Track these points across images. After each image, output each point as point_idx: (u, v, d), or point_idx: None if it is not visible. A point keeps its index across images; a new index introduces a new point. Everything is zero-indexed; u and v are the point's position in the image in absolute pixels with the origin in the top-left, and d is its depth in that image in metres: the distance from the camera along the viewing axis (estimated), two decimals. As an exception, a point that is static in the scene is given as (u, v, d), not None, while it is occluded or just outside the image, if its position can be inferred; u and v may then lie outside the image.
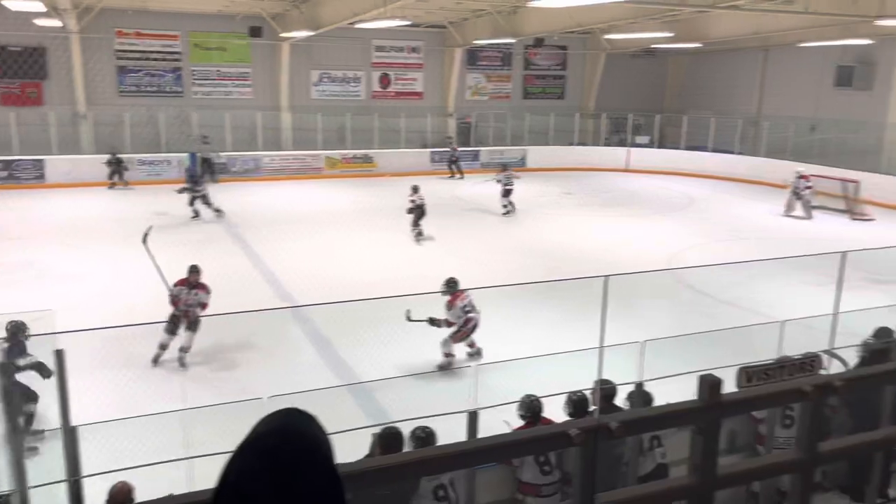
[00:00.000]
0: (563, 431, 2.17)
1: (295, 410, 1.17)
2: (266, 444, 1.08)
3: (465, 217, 18.20)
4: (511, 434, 2.31)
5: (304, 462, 1.06)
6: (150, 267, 9.31)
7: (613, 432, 2.25)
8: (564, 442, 2.18)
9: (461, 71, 27.34)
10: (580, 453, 2.21)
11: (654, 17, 19.82)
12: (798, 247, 14.57)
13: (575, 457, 2.24)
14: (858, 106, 23.04)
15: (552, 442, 2.30)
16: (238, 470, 1.06)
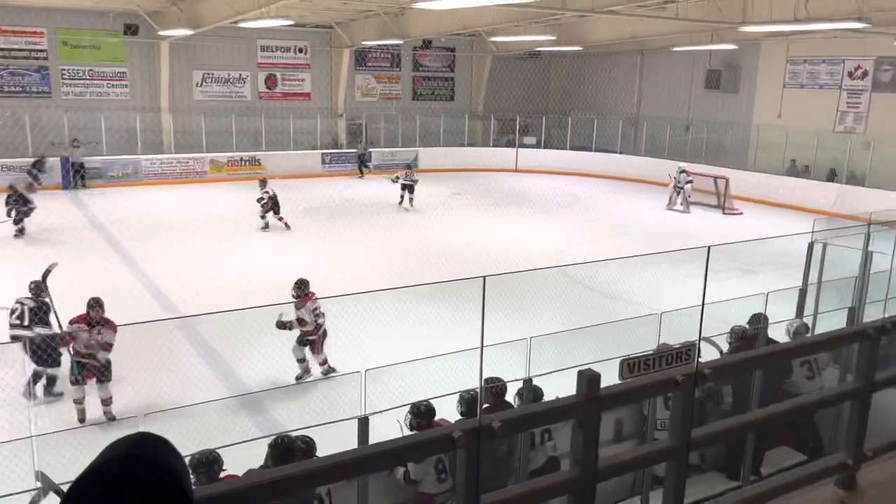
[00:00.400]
0: (447, 434, 2.15)
1: (144, 436, 1.09)
2: (106, 472, 0.99)
3: (356, 218, 18.02)
4: (394, 440, 2.28)
5: (146, 492, 0.98)
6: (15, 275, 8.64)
7: (496, 432, 2.25)
8: (448, 445, 2.16)
9: (350, 72, 27.10)
10: (464, 455, 2.20)
11: (536, 20, 20.35)
12: (677, 241, 15.28)
13: (458, 459, 2.23)
14: (727, 107, 24.60)
15: (436, 445, 2.28)
16: (76, 499, 0.97)
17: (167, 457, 1.06)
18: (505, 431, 2.30)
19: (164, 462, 1.05)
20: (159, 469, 1.03)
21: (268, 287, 11.06)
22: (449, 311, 10.29)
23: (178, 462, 1.08)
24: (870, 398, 3.48)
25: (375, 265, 13.35)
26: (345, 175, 25.03)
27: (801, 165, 22.01)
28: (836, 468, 3.51)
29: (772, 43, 22.56)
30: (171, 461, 1.06)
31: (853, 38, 19.04)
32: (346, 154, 26.13)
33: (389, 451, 2.13)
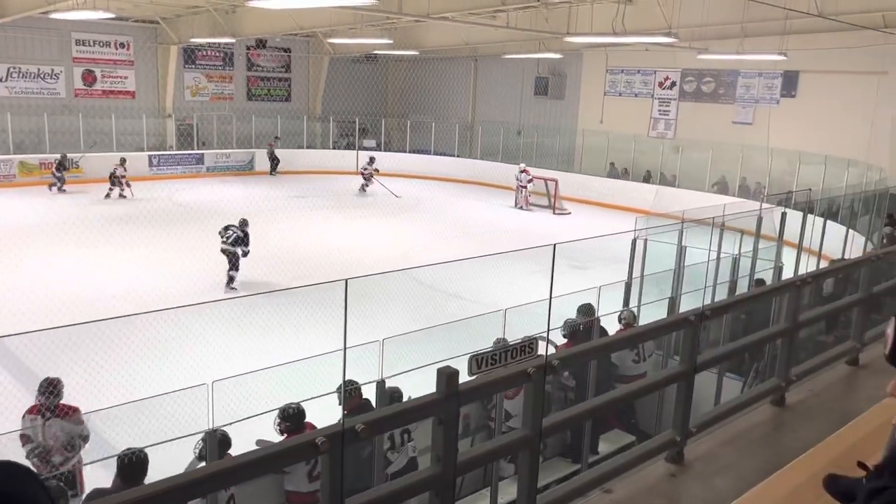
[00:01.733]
0: (310, 441, 2.12)
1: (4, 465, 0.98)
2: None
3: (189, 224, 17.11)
4: (255, 451, 2.21)
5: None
6: None
7: (360, 434, 2.25)
8: (312, 451, 2.13)
9: (178, 70, 25.74)
10: (327, 460, 2.18)
11: (372, 23, 20.43)
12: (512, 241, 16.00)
13: (322, 464, 2.21)
14: (555, 113, 26.05)
15: (299, 453, 2.24)
16: None
17: (28, 489, 0.97)
18: (368, 433, 2.30)
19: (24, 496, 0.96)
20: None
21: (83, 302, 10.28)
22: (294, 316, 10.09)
23: (39, 493, 0.99)
24: (693, 379, 3.84)
25: (212, 273, 12.79)
26: (176, 178, 23.74)
27: (620, 168, 23.75)
28: (665, 445, 3.83)
29: (593, 53, 24.16)
30: (32, 494, 0.97)
31: (663, 51, 20.84)
32: (177, 156, 24.79)
33: (251, 462, 2.07)
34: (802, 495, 2.70)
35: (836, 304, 5.84)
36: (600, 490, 3.42)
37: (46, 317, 8.80)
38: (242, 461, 2.08)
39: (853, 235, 13.03)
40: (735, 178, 20.77)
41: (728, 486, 3.54)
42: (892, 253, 6.11)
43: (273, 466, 2.10)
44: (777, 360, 4.73)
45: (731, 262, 9.06)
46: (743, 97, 21.53)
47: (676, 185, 21.37)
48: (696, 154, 21.14)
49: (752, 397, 4.60)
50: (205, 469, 2.07)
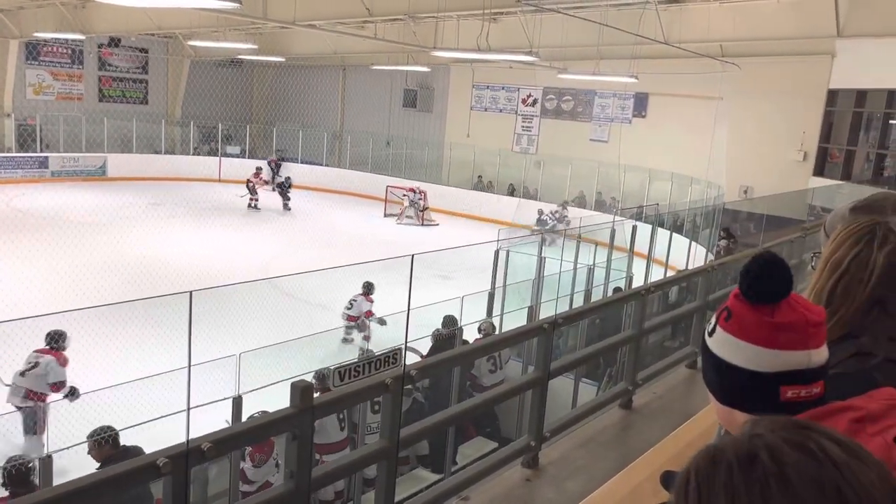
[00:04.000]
0: (152, 462, 2.00)
1: None
2: None
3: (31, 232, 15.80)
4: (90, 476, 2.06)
5: None
6: None
7: (206, 454, 2.15)
8: (153, 473, 2.01)
9: (19, 66, 23.77)
10: (171, 482, 2.07)
11: (236, 27, 19.84)
12: (380, 251, 15.97)
13: (165, 488, 2.09)
14: (423, 125, 26.36)
15: (139, 475, 2.11)
16: None
17: None
18: (215, 453, 2.20)
19: None
20: None
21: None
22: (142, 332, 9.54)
23: None
24: (547, 385, 3.98)
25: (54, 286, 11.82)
26: (15, 182, 21.88)
27: (486, 181, 24.39)
28: (522, 450, 3.95)
29: (460, 68, 24.70)
30: None
31: (526, 69, 21.65)
32: (17, 159, 22.86)
33: (83, 488, 1.92)
34: (643, 492, 2.86)
35: (677, 312, 6.27)
36: (457, 498, 3.46)
37: None
38: (73, 488, 1.93)
39: (696, 247, 14.08)
40: (592, 192, 21.87)
41: (578, 488, 3.70)
42: (725, 263, 6.64)
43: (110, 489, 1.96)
44: (625, 365, 5.00)
45: (586, 272, 9.51)
46: (599, 116, 22.75)
47: (538, 198, 22.20)
48: (556, 169, 22.08)
49: (603, 401, 4.83)
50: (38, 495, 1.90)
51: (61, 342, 7.10)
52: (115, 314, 9.88)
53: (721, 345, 1.17)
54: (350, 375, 5.28)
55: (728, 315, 1.17)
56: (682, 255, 13.10)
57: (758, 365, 1.13)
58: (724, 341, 1.16)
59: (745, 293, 1.14)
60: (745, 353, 1.14)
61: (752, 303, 1.13)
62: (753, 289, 1.13)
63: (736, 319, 1.15)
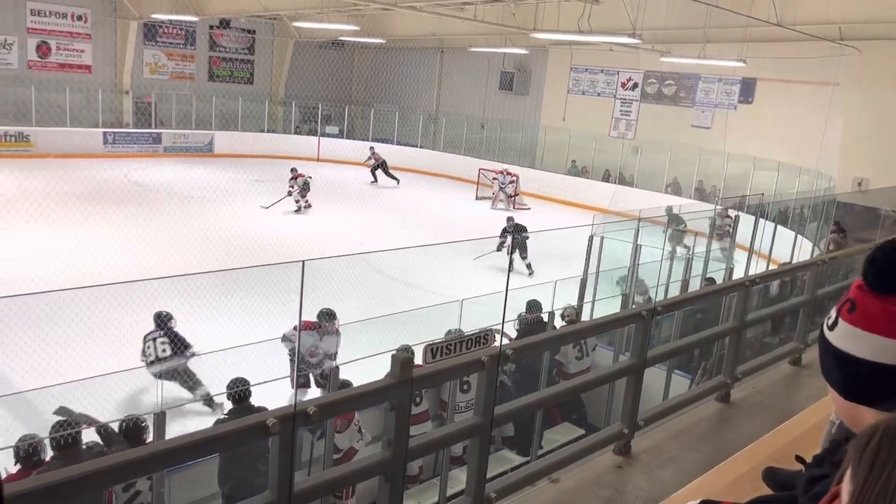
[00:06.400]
0: (262, 422, 2.11)
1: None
2: None
3: (145, 205, 16.77)
4: (206, 431, 2.19)
5: None
6: None
7: (311, 416, 2.25)
8: (263, 432, 2.12)
9: (137, 46, 25.12)
10: (279, 441, 2.18)
11: (340, 9, 20.24)
12: (472, 233, 16.04)
13: (272, 445, 2.20)
14: (518, 108, 26.16)
15: (250, 434, 2.23)
16: None
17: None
18: (319, 416, 2.30)
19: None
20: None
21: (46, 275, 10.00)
22: (246, 300, 9.97)
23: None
24: (643, 373, 3.92)
25: (164, 255, 12.51)
26: (131, 157, 23.21)
27: (580, 166, 24.00)
28: (614, 437, 3.91)
29: (558, 51, 24.32)
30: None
31: (627, 52, 21.09)
32: (134, 134, 24.24)
33: (201, 441, 2.05)
34: (741, 487, 2.79)
35: (782, 305, 6.02)
36: (548, 480, 3.47)
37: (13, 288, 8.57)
38: (193, 440, 2.07)
39: (801, 241, 13.41)
40: (691, 180, 21.16)
41: (672, 478, 3.63)
42: (836, 258, 6.31)
43: (223, 447, 2.08)
44: (724, 359, 4.85)
45: (684, 261, 9.25)
46: (702, 101, 21.93)
47: (634, 185, 21.68)
48: (654, 155, 21.47)
49: (699, 393, 4.71)
50: (153, 447, 2.04)
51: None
52: (217, 282, 10.37)
53: (844, 338, 1.13)
54: (441, 353, 5.37)
55: (852, 307, 1.13)
56: (787, 249, 12.52)
57: (886, 357, 1.09)
58: (848, 334, 1.12)
59: (871, 283, 1.10)
60: (871, 345, 1.10)
61: (879, 293, 1.09)
62: (880, 278, 1.09)
63: (861, 311, 1.11)
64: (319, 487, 2.37)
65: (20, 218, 14.19)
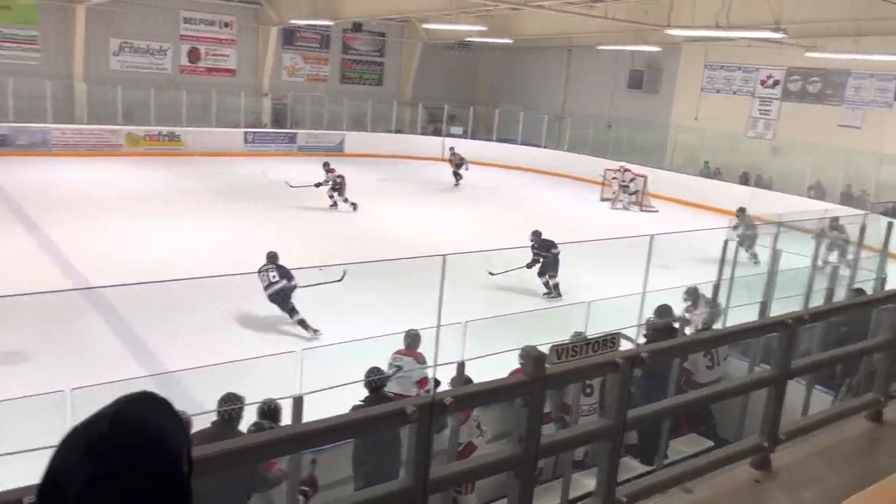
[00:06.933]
0: (401, 409, 2.18)
1: (142, 395, 1.03)
2: (94, 430, 0.94)
3: (278, 200, 17.60)
4: (347, 415, 2.29)
5: (130, 456, 0.92)
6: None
7: (448, 408, 2.29)
8: (401, 419, 2.19)
9: (277, 50, 26.49)
10: (416, 430, 2.23)
11: (468, 10, 20.43)
12: (597, 235, 15.74)
13: (409, 433, 2.26)
14: (647, 107, 25.40)
15: (390, 420, 2.30)
16: (61, 458, 0.93)
17: (162, 421, 1.00)
18: (455, 407, 2.34)
19: (157, 426, 0.99)
20: (148, 433, 0.97)
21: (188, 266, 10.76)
22: (370, 294, 10.28)
23: (175, 427, 1.01)
24: (785, 385, 3.71)
25: (296, 249, 13.06)
26: (268, 155, 24.49)
27: (713, 167, 22.97)
28: (751, 450, 3.72)
29: (692, 47, 23.42)
30: (166, 426, 1.00)
31: (767, 48, 20.00)
32: (271, 134, 25.61)
33: (341, 425, 2.14)
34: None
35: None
36: (680, 488, 3.35)
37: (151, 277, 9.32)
38: (334, 423, 2.16)
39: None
40: (836, 183, 19.76)
41: (816, 498, 3.42)
42: None
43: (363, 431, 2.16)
44: (876, 374, 4.50)
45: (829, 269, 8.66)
46: (852, 99, 20.43)
47: (773, 188, 20.51)
48: (796, 157, 20.22)
49: (846, 410, 4.40)
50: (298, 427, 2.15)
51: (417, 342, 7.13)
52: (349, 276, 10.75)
53: None
54: (567, 354, 5.31)
55: None
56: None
57: None
58: None
59: None
60: None
61: None
62: None
63: None
64: (453, 477, 2.41)
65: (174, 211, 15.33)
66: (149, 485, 0.92)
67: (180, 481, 0.97)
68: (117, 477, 0.91)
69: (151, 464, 0.94)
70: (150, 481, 0.93)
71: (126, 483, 0.91)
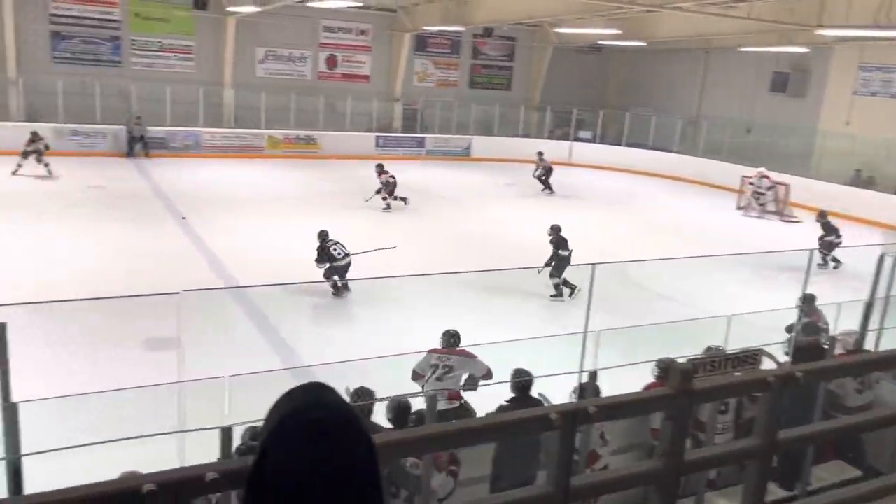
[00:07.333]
0: (545, 415, 2.19)
1: (322, 384, 1.13)
2: (309, 416, 1.05)
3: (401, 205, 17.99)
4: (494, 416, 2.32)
5: (349, 433, 1.04)
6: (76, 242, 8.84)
7: (591, 416, 2.27)
8: (545, 425, 2.20)
9: (409, 56, 27.17)
10: (559, 437, 2.23)
11: (601, 13, 20.11)
12: (731, 245, 15.04)
13: (552, 441, 2.26)
14: (791, 111, 23.95)
15: (534, 425, 2.32)
16: (278, 441, 1.03)
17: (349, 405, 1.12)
18: (599, 417, 2.32)
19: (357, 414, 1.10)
20: (355, 420, 1.08)
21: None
22: (491, 299, 10.32)
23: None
24: (956, 415, 3.40)
25: (423, 253, 13.32)
26: (398, 159, 25.14)
27: (865, 175, 21.33)
28: (914, 484, 3.43)
29: (845, 48, 21.85)
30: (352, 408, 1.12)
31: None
32: (401, 138, 26.32)
33: (488, 426, 2.18)
34: None
35: None
36: (832, 519, 3.15)
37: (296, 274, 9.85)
38: (480, 424, 2.20)
39: None
40: None
41: None
42: None
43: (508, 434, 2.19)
44: None
45: None
46: None
47: (934, 199, 18.80)
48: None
49: None
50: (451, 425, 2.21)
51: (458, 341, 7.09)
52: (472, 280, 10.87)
53: None
54: (704, 369, 5.11)
55: None
56: None
57: None
58: None
59: None
60: None
61: None
62: None
63: None
64: (594, 487, 2.39)
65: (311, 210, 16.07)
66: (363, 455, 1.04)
67: (375, 450, 1.07)
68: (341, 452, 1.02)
69: (361, 438, 1.05)
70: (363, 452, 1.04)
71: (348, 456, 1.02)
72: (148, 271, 10.64)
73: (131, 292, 8.48)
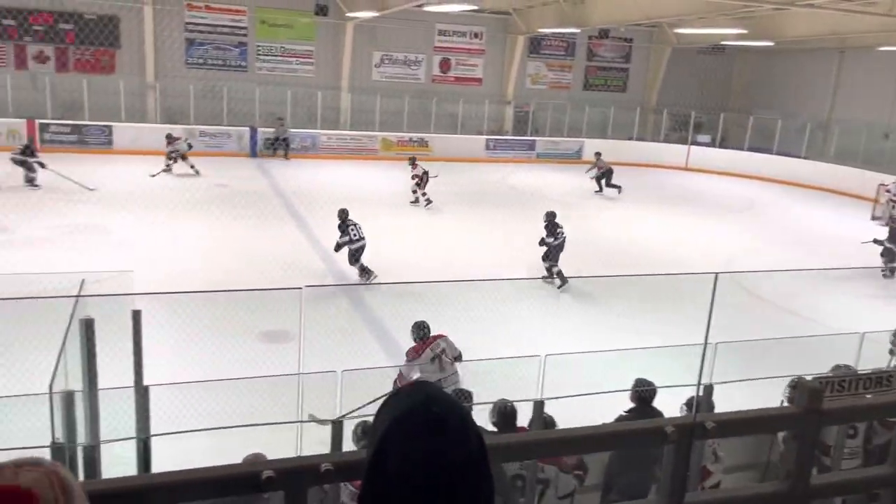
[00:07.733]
0: (660, 427, 2.11)
1: (430, 383, 1.19)
2: (429, 412, 1.09)
3: (516, 206, 17.93)
4: (605, 426, 2.26)
5: (464, 429, 1.09)
6: (200, 237, 9.30)
7: (709, 432, 2.17)
8: (660, 439, 2.11)
9: (522, 59, 27.06)
10: (674, 450, 2.15)
11: (726, 13, 19.30)
12: (859, 257, 14.02)
13: (667, 454, 2.18)
14: (937, 115, 22.13)
15: (648, 437, 2.24)
16: (398, 434, 1.07)
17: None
18: (717, 433, 2.21)
19: (469, 412, 1.17)
20: (468, 417, 1.13)
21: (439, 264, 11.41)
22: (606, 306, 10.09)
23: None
24: None
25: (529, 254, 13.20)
26: (508, 161, 25.13)
27: None
28: None
29: None
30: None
31: None
32: (511, 141, 26.26)
33: (599, 435, 2.12)
34: None
35: None
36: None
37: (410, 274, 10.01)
38: (590, 433, 2.15)
39: None
40: None
41: None
42: None
43: (621, 444, 2.12)
44: None
45: None
46: None
47: None
48: None
49: None
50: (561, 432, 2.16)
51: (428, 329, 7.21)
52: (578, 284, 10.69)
53: None
54: (832, 389, 4.80)
55: None
56: None
57: None
58: None
59: None
60: None
61: None
62: None
63: None
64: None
65: (421, 212, 16.31)
66: (479, 450, 1.09)
67: (488, 461, 1.11)
68: (461, 447, 1.07)
69: (477, 443, 1.10)
70: (478, 447, 1.09)
71: (468, 452, 1.07)
72: (269, 267, 11.12)
73: (251, 286, 8.90)
